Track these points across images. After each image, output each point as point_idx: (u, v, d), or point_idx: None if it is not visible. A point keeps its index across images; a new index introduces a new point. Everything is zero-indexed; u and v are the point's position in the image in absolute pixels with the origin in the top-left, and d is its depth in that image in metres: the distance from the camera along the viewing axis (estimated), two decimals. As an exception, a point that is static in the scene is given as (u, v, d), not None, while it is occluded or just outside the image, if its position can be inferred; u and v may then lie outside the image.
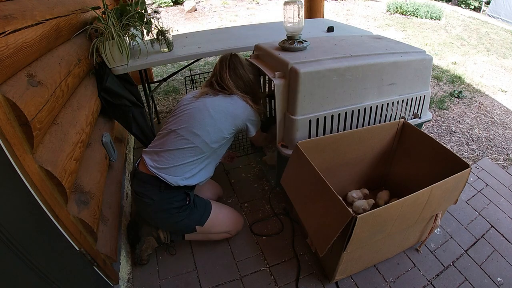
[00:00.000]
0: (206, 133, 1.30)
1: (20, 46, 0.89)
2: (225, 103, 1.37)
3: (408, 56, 1.53)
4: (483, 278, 1.34)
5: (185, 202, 1.31)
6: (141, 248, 1.38)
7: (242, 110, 1.39)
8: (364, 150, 1.55)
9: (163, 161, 1.29)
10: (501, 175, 1.97)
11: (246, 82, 1.45)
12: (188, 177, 1.30)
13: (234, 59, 1.45)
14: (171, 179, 1.26)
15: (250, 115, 1.41)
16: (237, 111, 1.38)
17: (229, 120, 1.35)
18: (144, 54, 1.75)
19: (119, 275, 1.26)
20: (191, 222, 1.34)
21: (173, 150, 1.29)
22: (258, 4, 7.77)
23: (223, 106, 1.36)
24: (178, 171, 1.28)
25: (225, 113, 1.35)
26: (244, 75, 1.45)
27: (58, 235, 0.91)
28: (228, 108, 1.36)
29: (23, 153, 0.80)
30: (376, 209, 1.03)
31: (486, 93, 3.20)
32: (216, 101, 1.36)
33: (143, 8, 1.74)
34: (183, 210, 1.30)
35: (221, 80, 1.42)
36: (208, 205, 1.41)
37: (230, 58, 1.45)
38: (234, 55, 1.47)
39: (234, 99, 1.39)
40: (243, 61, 1.47)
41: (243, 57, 1.50)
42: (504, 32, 6.13)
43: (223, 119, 1.34)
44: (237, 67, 1.44)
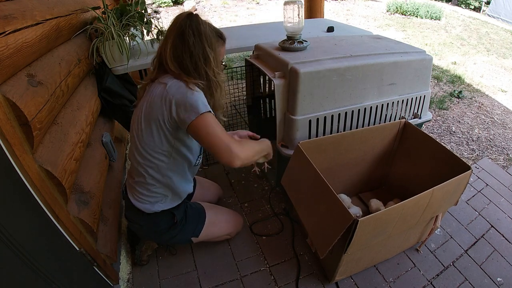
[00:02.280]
0: (143, 157, 1.09)
1: (20, 46, 0.89)
2: (144, 107, 1.04)
3: (408, 56, 1.53)
4: (483, 278, 1.34)
5: (172, 222, 1.22)
6: (140, 249, 1.38)
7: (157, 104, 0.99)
8: (365, 150, 1.55)
9: (135, 190, 1.17)
10: (501, 175, 1.97)
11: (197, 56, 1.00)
12: (164, 202, 1.19)
13: (191, 18, 1.00)
14: (145, 208, 1.16)
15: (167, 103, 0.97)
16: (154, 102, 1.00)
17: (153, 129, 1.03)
18: (144, 54, 1.75)
19: (119, 275, 1.26)
20: (185, 236, 1.29)
21: (136, 181, 1.16)
22: (258, 4, 7.77)
23: (144, 113, 1.04)
24: (151, 198, 1.16)
25: (147, 124, 1.03)
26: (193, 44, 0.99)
27: (58, 235, 0.90)
28: (148, 114, 1.02)
29: (23, 153, 0.80)
30: (377, 212, 1.03)
31: (486, 93, 3.19)
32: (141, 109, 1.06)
33: (143, 8, 1.74)
34: (173, 229, 1.23)
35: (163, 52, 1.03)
36: (201, 215, 1.31)
37: (185, 17, 1.01)
38: (194, 14, 1.03)
39: (153, 88, 1.04)
40: (202, 23, 1.01)
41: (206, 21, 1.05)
42: (504, 32, 6.13)
43: (147, 132, 1.04)
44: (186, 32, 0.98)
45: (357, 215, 1.38)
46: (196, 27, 0.99)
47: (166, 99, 0.98)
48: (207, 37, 1.01)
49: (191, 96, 0.96)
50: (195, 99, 0.97)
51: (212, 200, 1.59)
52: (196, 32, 0.99)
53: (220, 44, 1.10)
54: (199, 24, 1.00)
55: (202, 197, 1.50)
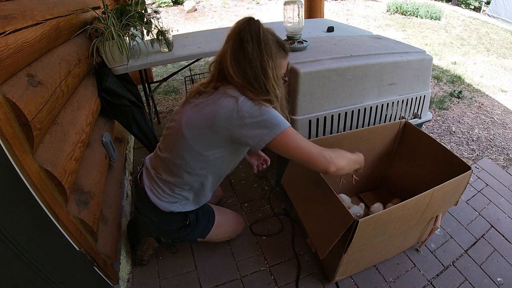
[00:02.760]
0: (184, 161, 1.06)
1: (20, 46, 0.89)
2: (201, 113, 0.98)
3: (408, 56, 1.53)
4: (483, 278, 1.34)
5: (185, 223, 1.22)
6: (141, 249, 1.38)
7: (222, 117, 0.93)
8: (365, 150, 1.54)
9: (156, 184, 1.15)
10: (501, 175, 1.97)
11: (256, 65, 0.93)
12: (183, 204, 1.18)
13: (251, 24, 0.93)
14: (163, 206, 1.14)
15: (235, 119, 0.92)
16: (216, 121, 0.95)
17: (207, 138, 0.99)
18: (144, 54, 1.75)
19: (119, 275, 1.26)
20: (193, 236, 1.29)
21: (161, 177, 1.13)
22: (258, 4, 7.77)
23: (198, 119, 0.98)
24: (171, 198, 1.15)
25: (200, 131, 0.99)
26: (252, 52, 0.91)
27: (58, 235, 0.90)
28: (204, 121, 0.97)
29: (23, 153, 0.80)
30: (377, 213, 1.03)
31: (486, 93, 3.19)
32: (192, 112, 1.01)
33: (143, 8, 1.74)
34: (184, 230, 1.23)
35: (223, 58, 0.97)
36: (211, 217, 1.31)
37: (245, 21, 0.94)
38: (255, 19, 0.95)
39: (216, 97, 0.96)
40: (262, 30, 0.94)
41: (269, 27, 0.98)
42: (504, 32, 6.13)
43: (199, 139, 1.00)
44: (245, 38, 0.91)
45: (357, 215, 1.38)
46: (256, 32, 0.93)
47: (238, 114, 0.92)
48: (266, 45, 0.94)
49: (267, 113, 0.92)
50: (273, 115, 0.93)
51: (213, 201, 1.59)
52: (255, 38, 0.92)
53: (282, 55, 1.01)
54: (259, 29, 0.93)
55: None
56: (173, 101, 3.05)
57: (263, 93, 0.95)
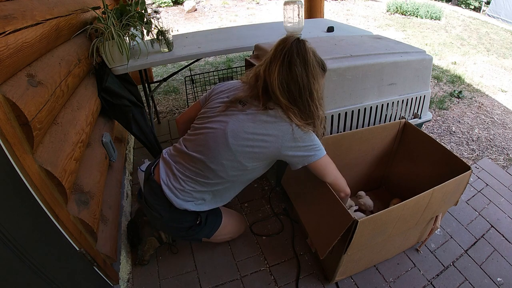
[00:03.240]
0: (221, 167, 1.07)
1: (20, 46, 0.89)
2: (252, 128, 1.02)
3: (408, 56, 1.53)
4: (483, 278, 1.34)
5: (195, 222, 1.21)
6: (143, 248, 1.38)
7: (275, 137, 1.01)
8: (365, 150, 1.55)
9: (175, 180, 1.13)
10: (501, 175, 1.97)
11: (303, 87, 0.98)
12: (199, 204, 1.17)
13: (299, 46, 0.97)
14: (179, 204, 1.13)
15: (288, 141, 1.01)
16: (269, 138, 1.01)
17: (254, 151, 1.04)
18: (144, 54, 1.75)
19: (119, 275, 1.26)
20: (200, 236, 1.29)
21: (185, 174, 1.12)
22: (258, 4, 7.77)
23: (248, 133, 1.02)
24: (188, 197, 1.14)
25: (249, 143, 1.03)
26: (301, 75, 0.96)
27: (58, 235, 0.90)
28: (255, 136, 1.02)
29: (23, 153, 0.80)
30: (376, 213, 1.03)
31: (486, 93, 3.19)
32: (241, 123, 1.03)
33: (143, 8, 1.74)
34: (193, 229, 1.22)
35: (268, 77, 0.99)
36: (219, 219, 1.32)
37: (293, 43, 0.97)
38: (302, 41, 0.99)
39: (270, 118, 1.01)
40: (309, 52, 0.98)
41: (311, 48, 1.01)
42: (504, 32, 6.13)
43: (244, 151, 1.04)
44: (293, 60, 0.95)
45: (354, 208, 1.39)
46: (303, 56, 0.97)
47: (292, 137, 1.01)
48: (313, 68, 0.99)
49: (313, 140, 1.06)
50: (317, 142, 1.07)
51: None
52: (303, 61, 0.97)
53: (322, 75, 1.07)
54: (306, 53, 0.97)
55: None
56: (173, 101, 3.05)
57: (306, 114, 1.03)
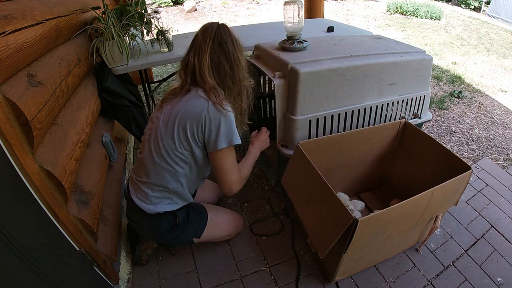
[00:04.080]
0: (161, 158, 1.12)
1: (20, 46, 0.89)
2: (175, 111, 1.09)
3: (408, 56, 1.53)
4: (483, 278, 1.34)
5: (175, 223, 1.23)
6: (140, 248, 1.38)
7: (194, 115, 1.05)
8: (365, 150, 1.55)
9: (139, 188, 1.19)
10: (501, 175, 1.97)
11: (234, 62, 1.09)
12: (168, 204, 1.20)
13: (224, 28, 1.09)
14: (148, 208, 1.17)
15: (203, 120, 1.05)
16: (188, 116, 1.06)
17: (180, 131, 1.08)
18: (144, 54, 1.75)
19: (119, 275, 1.26)
20: (187, 236, 1.29)
21: (143, 181, 1.18)
22: (258, 4, 7.77)
23: (172, 116, 1.09)
24: (154, 199, 1.17)
25: (174, 127, 1.08)
26: (232, 51, 1.07)
27: (58, 235, 0.91)
28: (177, 117, 1.07)
29: (23, 153, 0.80)
30: (377, 212, 1.03)
31: (486, 93, 3.19)
32: (168, 111, 1.12)
33: (143, 8, 1.75)
34: (175, 230, 1.24)
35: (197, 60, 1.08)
36: (203, 216, 1.32)
37: (219, 26, 1.09)
38: (223, 25, 1.11)
39: (189, 98, 1.09)
40: (233, 32, 1.11)
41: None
42: (504, 32, 6.13)
43: (171, 132, 1.09)
44: (223, 39, 1.06)
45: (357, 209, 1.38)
46: (230, 35, 1.09)
47: (205, 119, 1.05)
48: (239, 44, 1.11)
49: (226, 122, 1.07)
50: (229, 126, 1.08)
51: (212, 201, 1.59)
52: (233, 39, 1.09)
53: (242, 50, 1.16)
54: (230, 32, 1.10)
55: (203, 197, 1.50)
56: (173, 101, 3.05)
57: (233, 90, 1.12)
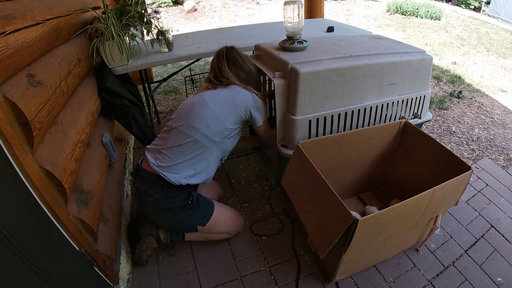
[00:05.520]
0: (205, 126, 1.29)
1: (20, 46, 0.89)
2: (223, 93, 1.36)
3: (408, 56, 1.53)
4: (483, 278, 1.34)
5: (187, 201, 1.30)
6: (140, 248, 1.38)
7: (243, 96, 1.37)
8: (365, 151, 1.55)
9: (165, 158, 1.28)
10: (501, 175, 1.97)
11: (247, 72, 1.45)
12: (191, 175, 1.29)
13: (231, 51, 1.45)
14: (173, 178, 1.25)
15: (253, 101, 1.37)
16: (237, 98, 1.36)
17: (229, 108, 1.33)
18: (144, 54, 1.75)
19: (119, 275, 1.26)
20: (194, 221, 1.33)
21: (174, 146, 1.28)
22: (258, 4, 7.77)
23: (221, 96, 1.35)
24: (180, 169, 1.27)
25: (224, 102, 1.34)
26: (244, 65, 1.44)
27: (58, 235, 0.91)
28: (226, 97, 1.35)
29: (23, 153, 0.80)
30: (377, 212, 1.03)
31: (486, 93, 3.19)
32: (214, 92, 1.36)
33: (143, 8, 1.74)
34: (186, 209, 1.30)
35: (220, 74, 1.41)
36: (210, 205, 1.40)
37: (227, 50, 1.45)
38: (231, 48, 1.46)
39: (234, 88, 1.38)
40: (241, 53, 1.47)
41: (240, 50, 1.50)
42: (504, 32, 6.13)
43: (223, 109, 1.32)
44: (236, 58, 1.44)
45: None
46: (237, 53, 1.45)
47: (252, 98, 1.37)
48: (245, 58, 1.47)
49: (263, 106, 1.43)
50: (265, 108, 1.45)
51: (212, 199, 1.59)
52: (238, 56, 1.45)
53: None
54: (237, 51, 1.46)
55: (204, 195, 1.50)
56: (173, 101, 3.05)
57: (255, 84, 1.50)
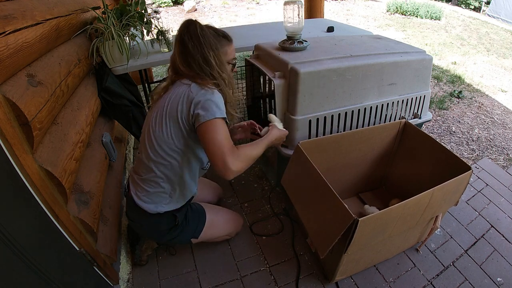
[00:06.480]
0: (156, 154, 1.10)
1: (20, 46, 0.89)
2: (163, 106, 1.09)
3: (408, 56, 1.53)
4: (483, 278, 1.33)
5: (174, 223, 1.23)
6: (140, 248, 1.38)
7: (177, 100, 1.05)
8: (365, 151, 1.55)
9: (139, 187, 1.18)
10: (501, 175, 1.97)
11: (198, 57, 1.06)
12: (168, 203, 1.19)
13: (187, 26, 1.07)
14: (150, 208, 1.17)
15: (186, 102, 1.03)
16: (173, 105, 1.06)
17: (170, 125, 1.07)
18: (144, 54, 1.75)
19: (119, 275, 1.26)
20: (185, 237, 1.30)
21: (142, 178, 1.17)
22: (258, 4, 7.77)
23: (162, 111, 1.09)
24: (155, 198, 1.17)
25: (164, 120, 1.08)
26: (193, 47, 1.05)
27: (58, 235, 0.90)
28: (165, 110, 1.07)
29: (23, 153, 0.80)
30: (377, 212, 1.03)
31: (486, 93, 3.19)
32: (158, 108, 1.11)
33: (143, 8, 1.75)
34: (173, 230, 1.24)
35: (174, 60, 1.12)
36: (202, 216, 1.32)
37: (183, 26, 1.08)
38: (191, 21, 1.09)
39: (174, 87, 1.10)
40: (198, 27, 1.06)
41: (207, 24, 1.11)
42: (504, 32, 6.13)
43: (164, 129, 1.08)
44: (185, 38, 1.06)
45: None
46: (193, 32, 1.05)
47: (188, 97, 1.03)
48: (204, 38, 1.06)
49: (211, 97, 1.03)
50: (216, 101, 1.03)
51: (212, 200, 1.59)
52: (193, 36, 1.05)
53: (225, 43, 1.12)
54: (196, 28, 1.06)
55: (202, 197, 1.50)
56: (173, 101, 3.05)
57: (210, 79, 1.08)
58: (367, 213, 1.50)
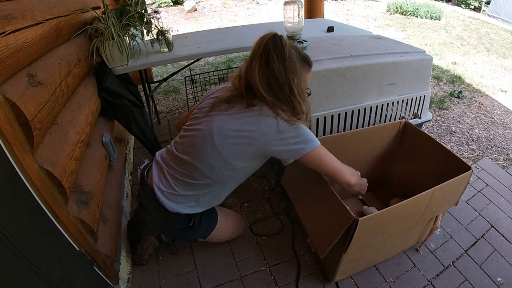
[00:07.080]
0: (209, 167, 1.06)
1: (20, 46, 0.89)
2: (237, 125, 1.01)
3: (408, 56, 1.53)
4: (483, 278, 1.33)
5: (188, 224, 1.21)
6: (142, 247, 1.38)
7: (260, 132, 0.99)
8: (365, 150, 1.55)
9: (167, 183, 1.13)
10: (501, 175, 1.97)
11: (282, 82, 0.96)
12: (192, 206, 1.16)
13: (275, 41, 0.96)
14: (171, 207, 1.13)
15: (274, 134, 0.99)
16: (254, 134, 0.99)
17: (240, 149, 1.02)
18: (144, 54, 1.75)
19: (119, 275, 1.26)
20: (194, 237, 1.30)
21: (177, 177, 1.12)
22: (258, 4, 7.77)
23: (233, 130, 1.01)
24: (181, 199, 1.14)
25: (234, 141, 1.02)
26: (279, 70, 0.94)
27: (58, 235, 0.90)
28: (240, 133, 1.01)
29: (23, 153, 0.80)
30: (377, 212, 1.03)
31: (486, 93, 3.19)
32: (226, 122, 1.03)
33: (143, 8, 1.74)
34: (186, 231, 1.24)
35: (250, 76, 0.99)
36: (213, 220, 1.31)
37: (269, 39, 0.96)
38: (279, 36, 0.98)
39: (255, 114, 1.00)
40: (287, 46, 0.96)
41: (291, 43, 1.02)
42: (504, 32, 6.13)
43: (231, 149, 1.03)
44: (271, 56, 0.94)
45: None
46: (280, 51, 0.95)
47: (278, 130, 0.98)
48: (291, 62, 0.97)
49: (303, 131, 1.02)
50: (307, 133, 1.03)
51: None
52: (280, 56, 0.95)
53: (305, 70, 1.04)
54: (283, 47, 0.96)
55: None
56: (173, 101, 3.05)
57: (292, 109, 1.01)
58: (366, 213, 1.50)
